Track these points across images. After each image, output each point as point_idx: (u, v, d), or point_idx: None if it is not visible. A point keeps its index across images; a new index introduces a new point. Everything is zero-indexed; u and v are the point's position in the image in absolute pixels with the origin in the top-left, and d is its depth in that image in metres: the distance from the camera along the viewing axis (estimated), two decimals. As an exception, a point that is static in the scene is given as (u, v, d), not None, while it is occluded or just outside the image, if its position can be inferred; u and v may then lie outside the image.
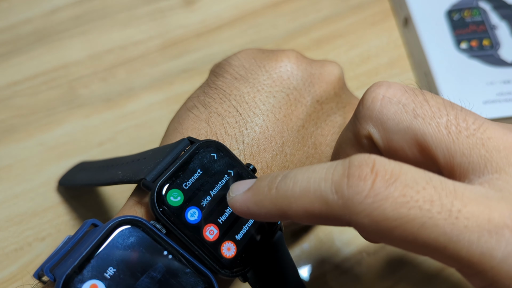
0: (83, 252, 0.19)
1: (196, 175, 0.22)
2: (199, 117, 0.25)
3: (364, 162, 0.16)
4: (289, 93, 0.26)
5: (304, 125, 0.26)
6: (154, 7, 0.44)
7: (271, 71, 0.26)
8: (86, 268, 0.19)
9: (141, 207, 0.22)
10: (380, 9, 0.46)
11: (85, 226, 0.21)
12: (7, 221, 0.34)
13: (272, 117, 0.25)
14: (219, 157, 0.23)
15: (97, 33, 0.42)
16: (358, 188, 0.16)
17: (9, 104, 0.38)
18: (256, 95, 0.25)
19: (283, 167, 0.25)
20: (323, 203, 0.16)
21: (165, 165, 0.22)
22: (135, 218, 0.20)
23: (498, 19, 0.42)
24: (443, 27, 0.42)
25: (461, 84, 0.39)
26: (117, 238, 0.20)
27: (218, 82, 0.26)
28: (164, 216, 0.21)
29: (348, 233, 0.35)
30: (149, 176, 0.22)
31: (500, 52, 0.41)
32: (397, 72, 0.43)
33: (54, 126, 0.38)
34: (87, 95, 0.39)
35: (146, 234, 0.20)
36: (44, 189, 0.35)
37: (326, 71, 0.28)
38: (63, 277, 0.18)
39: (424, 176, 0.16)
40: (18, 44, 0.41)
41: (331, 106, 0.28)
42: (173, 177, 0.21)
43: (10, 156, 0.36)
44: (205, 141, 0.23)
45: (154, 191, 0.21)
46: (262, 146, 0.25)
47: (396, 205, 0.15)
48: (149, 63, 0.42)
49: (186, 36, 0.43)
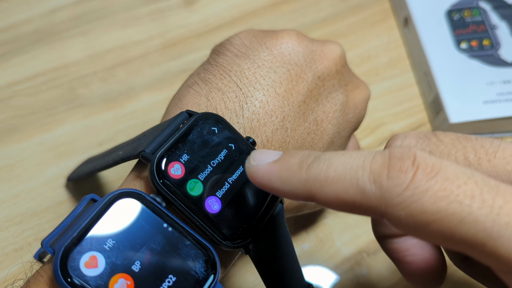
0: (82, 224, 0.19)
1: (195, 147, 0.22)
2: (199, 92, 0.25)
3: (405, 155, 0.16)
4: (290, 68, 0.26)
5: (305, 100, 0.26)
6: (154, 7, 0.44)
7: (272, 47, 0.26)
8: (85, 240, 0.18)
9: (140, 181, 0.22)
10: (380, 9, 0.46)
11: (84, 201, 0.21)
12: (7, 221, 0.34)
13: (272, 91, 0.25)
14: (219, 130, 0.23)
15: (97, 33, 0.42)
16: (398, 180, 0.15)
17: (9, 104, 0.38)
18: (256, 70, 0.25)
19: (284, 142, 0.25)
20: (358, 191, 0.16)
21: (164, 137, 0.22)
22: (134, 191, 0.20)
23: (498, 19, 0.42)
24: (443, 27, 0.42)
25: (461, 84, 0.39)
26: (116, 211, 0.19)
27: (219, 59, 0.26)
28: (164, 187, 0.20)
29: (348, 233, 0.35)
30: (148, 148, 0.21)
31: (500, 52, 0.41)
32: (397, 72, 0.43)
33: (54, 126, 0.38)
34: (87, 95, 0.39)
35: (146, 206, 0.20)
36: (44, 189, 0.35)
37: (328, 48, 0.28)
38: (61, 249, 0.18)
39: (466, 172, 0.16)
40: (18, 44, 0.41)
41: (332, 83, 0.27)
42: (173, 149, 0.21)
43: (10, 156, 0.36)
44: (204, 114, 0.23)
45: (154, 162, 0.21)
46: (262, 121, 0.25)
47: (436, 198, 0.15)
48: (149, 63, 0.42)
49: (186, 36, 0.43)
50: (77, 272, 0.18)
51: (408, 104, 0.41)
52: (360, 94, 0.29)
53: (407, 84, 0.43)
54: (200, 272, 0.20)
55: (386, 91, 0.42)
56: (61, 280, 0.18)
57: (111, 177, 0.36)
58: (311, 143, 0.26)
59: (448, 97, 0.39)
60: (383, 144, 0.39)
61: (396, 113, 0.41)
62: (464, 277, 0.33)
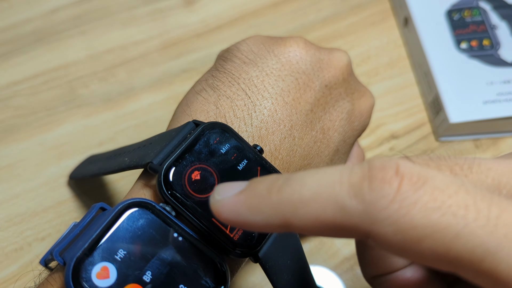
0: (93, 234, 0.19)
1: (202, 157, 0.22)
2: (207, 99, 0.25)
3: (387, 164, 0.14)
4: (298, 77, 0.26)
5: (313, 109, 0.26)
6: (154, 7, 0.44)
7: (280, 55, 0.26)
8: (96, 251, 0.18)
9: (149, 190, 0.22)
10: (380, 9, 0.46)
11: (93, 210, 0.21)
12: (7, 221, 0.34)
13: (281, 100, 0.25)
14: (225, 138, 0.23)
15: (97, 33, 0.42)
16: (382, 192, 0.14)
17: (9, 104, 0.38)
18: (265, 78, 0.25)
19: (291, 151, 0.25)
20: (338, 209, 0.14)
21: (171, 148, 0.22)
22: (144, 201, 0.20)
23: (498, 19, 0.42)
24: (443, 27, 0.42)
25: (461, 84, 0.39)
26: (127, 221, 0.19)
27: (227, 66, 0.26)
28: (172, 198, 0.21)
29: (348, 233, 0.35)
30: (156, 159, 0.22)
31: (500, 52, 0.41)
32: (397, 72, 0.43)
33: (54, 126, 0.38)
34: (87, 95, 0.39)
35: (156, 216, 0.20)
36: (44, 189, 0.35)
37: (335, 57, 0.28)
38: (73, 259, 0.18)
39: (455, 180, 0.14)
40: (18, 44, 0.41)
41: (339, 91, 0.27)
42: (180, 159, 0.21)
43: (10, 156, 0.36)
44: (210, 123, 0.23)
45: (161, 173, 0.21)
46: (270, 129, 0.25)
47: (427, 211, 0.13)
48: (149, 63, 0.41)
49: (186, 36, 0.43)
50: (89, 283, 0.18)
51: (408, 104, 0.41)
52: (365, 103, 0.29)
53: (407, 84, 0.43)
54: (210, 283, 0.20)
55: (386, 91, 0.42)
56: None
57: (114, 177, 0.36)
58: (317, 152, 0.26)
59: (448, 97, 0.39)
60: (383, 144, 0.39)
61: (396, 113, 0.41)
62: None
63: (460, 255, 0.13)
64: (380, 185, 0.14)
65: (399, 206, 0.14)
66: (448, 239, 0.13)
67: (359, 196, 0.14)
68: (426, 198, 0.14)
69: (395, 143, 0.39)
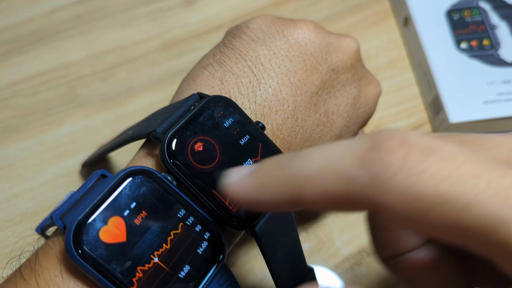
0: (95, 199, 0.19)
1: (206, 129, 0.22)
2: (213, 74, 0.25)
3: (393, 135, 0.14)
4: (306, 58, 0.26)
5: (318, 92, 0.26)
6: (154, 7, 0.44)
7: (289, 36, 0.26)
8: (98, 215, 0.19)
9: (151, 159, 0.22)
10: (380, 9, 0.47)
11: (94, 177, 0.21)
12: (7, 221, 0.34)
13: (286, 80, 0.25)
14: (229, 113, 0.23)
15: (97, 33, 0.42)
16: (389, 161, 0.13)
17: (9, 104, 0.38)
18: (272, 58, 0.25)
19: (293, 131, 0.25)
20: (344, 181, 0.14)
21: (175, 118, 0.22)
22: (146, 169, 0.20)
23: (498, 19, 0.42)
24: (443, 27, 0.42)
25: (461, 84, 0.39)
26: (129, 187, 0.20)
27: (235, 42, 0.26)
28: (174, 167, 0.21)
29: (348, 233, 0.35)
30: (159, 128, 0.22)
31: (500, 52, 0.41)
32: (397, 72, 0.43)
33: (54, 126, 0.38)
34: (87, 95, 0.39)
35: (158, 185, 0.20)
36: (44, 189, 0.35)
37: (344, 42, 0.28)
38: (75, 222, 0.18)
39: (463, 150, 0.14)
40: (18, 44, 0.41)
41: (346, 76, 0.27)
42: (183, 130, 0.21)
43: (10, 156, 0.36)
44: (215, 96, 0.23)
45: (165, 142, 0.21)
46: (274, 108, 0.25)
47: (435, 180, 0.13)
48: (149, 63, 0.41)
49: (186, 36, 0.43)
50: (90, 246, 0.18)
51: (408, 104, 0.41)
52: (372, 90, 0.29)
53: (407, 84, 0.43)
54: (209, 252, 0.20)
55: (386, 91, 0.42)
56: (73, 254, 0.18)
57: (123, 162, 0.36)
58: (320, 135, 0.26)
59: (448, 97, 0.39)
60: (383, 144, 0.39)
61: (396, 113, 0.41)
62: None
63: (470, 225, 0.13)
64: (387, 155, 0.13)
65: (406, 175, 0.13)
66: (458, 209, 0.13)
67: (365, 167, 0.14)
68: (434, 167, 0.13)
69: (395, 143, 0.39)
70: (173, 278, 0.19)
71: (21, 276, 0.19)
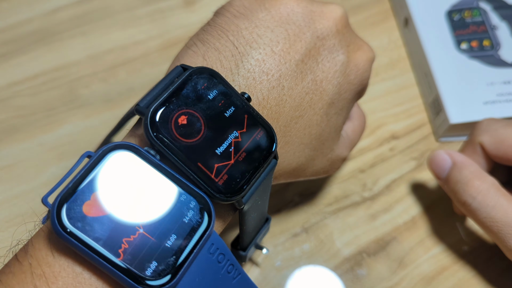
0: (76, 176, 0.19)
1: (189, 101, 0.22)
2: (196, 52, 0.25)
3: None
4: (288, 28, 0.26)
5: (304, 59, 0.26)
6: (154, 8, 0.44)
7: (271, 8, 0.26)
8: (80, 190, 0.19)
9: (135, 138, 0.22)
10: (380, 9, 0.47)
11: (81, 158, 0.21)
12: (8, 221, 0.34)
13: (269, 50, 0.25)
14: (213, 84, 0.23)
15: (97, 33, 0.42)
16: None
17: (10, 105, 0.38)
18: (254, 30, 0.25)
19: (280, 100, 0.25)
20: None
21: (158, 91, 0.22)
22: (128, 144, 0.20)
23: (499, 19, 0.42)
24: (443, 28, 0.42)
25: (461, 84, 0.39)
26: (112, 162, 0.20)
27: (218, 20, 0.26)
28: (158, 140, 0.20)
29: (348, 234, 0.35)
30: (142, 102, 0.21)
31: (500, 52, 0.41)
32: (397, 73, 0.43)
33: (55, 127, 0.38)
34: (87, 96, 0.39)
35: (141, 158, 0.20)
36: (45, 190, 0.35)
37: (328, 9, 0.28)
38: (57, 199, 0.18)
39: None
40: (18, 44, 0.41)
41: (333, 43, 0.27)
42: (167, 103, 0.21)
43: (11, 156, 0.36)
44: (198, 68, 0.23)
45: (148, 116, 0.21)
46: (258, 79, 0.25)
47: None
48: (149, 63, 0.42)
49: (186, 36, 0.43)
50: (73, 221, 0.18)
51: (408, 104, 0.41)
52: (362, 56, 0.29)
53: (407, 85, 0.43)
54: (195, 220, 0.20)
55: (386, 92, 0.42)
56: (59, 230, 0.18)
57: None
58: (310, 103, 0.26)
59: (448, 97, 0.39)
60: (383, 145, 0.39)
61: (396, 113, 0.41)
62: (465, 277, 0.33)
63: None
64: None
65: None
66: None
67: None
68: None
69: (395, 144, 0.39)
70: (160, 247, 0.19)
71: (16, 259, 0.20)
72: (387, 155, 0.39)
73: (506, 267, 0.33)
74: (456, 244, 0.35)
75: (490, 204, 0.29)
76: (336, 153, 0.29)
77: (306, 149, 0.27)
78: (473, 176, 0.31)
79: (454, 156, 0.32)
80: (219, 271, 0.21)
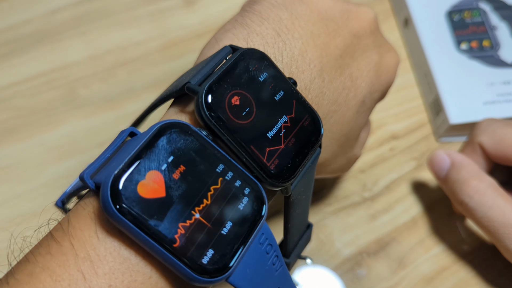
0: (130, 153, 0.18)
1: (243, 82, 0.21)
2: (237, 36, 0.25)
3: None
4: (327, 23, 0.26)
5: (342, 55, 0.26)
6: (154, 8, 0.44)
7: (309, 3, 0.26)
8: (135, 169, 0.17)
9: (184, 115, 0.21)
10: (380, 9, 0.47)
11: (123, 135, 0.20)
12: (8, 222, 0.34)
13: (311, 42, 0.25)
14: (264, 66, 0.22)
15: (97, 33, 0.42)
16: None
17: (10, 105, 0.38)
18: (294, 21, 0.25)
19: (320, 92, 0.25)
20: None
21: (209, 70, 0.21)
22: (182, 122, 0.19)
23: (498, 20, 0.43)
24: (443, 28, 0.42)
25: (461, 85, 0.39)
26: (166, 140, 0.18)
27: (256, 7, 0.26)
28: (213, 120, 0.19)
29: (348, 234, 0.35)
30: (194, 79, 0.20)
31: (500, 53, 0.41)
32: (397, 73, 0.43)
33: (55, 127, 0.38)
34: (87, 96, 0.39)
35: (195, 138, 0.19)
36: (45, 190, 0.35)
37: (362, 9, 0.28)
38: (111, 176, 0.17)
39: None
40: (18, 44, 0.41)
41: (367, 42, 0.28)
42: (220, 82, 0.20)
43: (11, 156, 0.36)
44: (249, 49, 0.22)
45: (202, 94, 0.19)
46: (301, 68, 0.24)
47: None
48: (150, 63, 0.42)
49: (187, 36, 0.43)
50: (129, 201, 0.17)
51: (408, 105, 0.41)
52: (392, 58, 0.29)
53: (407, 85, 0.43)
54: (250, 208, 0.19)
55: (386, 92, 0.42)
56: (112, 210, 0.16)
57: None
58: (345, 99, 0.26)
59: (448, 98, 0.39)
60: (384, 145, 0.39)
61: (396, 113, 0.41)
62: (465, 277, 0.33)
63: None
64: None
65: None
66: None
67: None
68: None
69: (395, 144, 0.39)
70: (216, 235, 0.18)
71: (53, 239, 0.18)
72: (387, 155, 0.39)
73: (506, 267, 0.33)
74: (456, 244, 0.35)
75: (487, 204, 0.29)
76: (354, 152, 0.30)
77: (335, 145, 0.27)
78: (470, 176, 0.31)
79: (453, 156, 0.32)
80: (266, 262, 0.20)
